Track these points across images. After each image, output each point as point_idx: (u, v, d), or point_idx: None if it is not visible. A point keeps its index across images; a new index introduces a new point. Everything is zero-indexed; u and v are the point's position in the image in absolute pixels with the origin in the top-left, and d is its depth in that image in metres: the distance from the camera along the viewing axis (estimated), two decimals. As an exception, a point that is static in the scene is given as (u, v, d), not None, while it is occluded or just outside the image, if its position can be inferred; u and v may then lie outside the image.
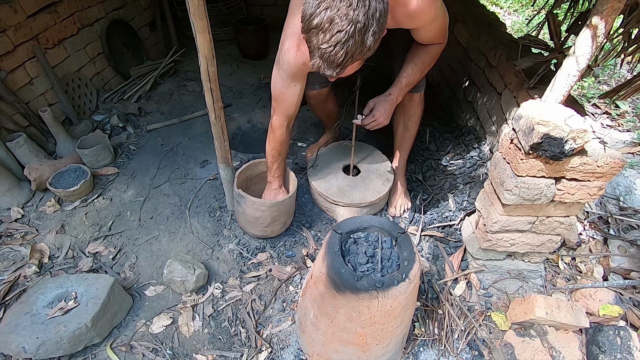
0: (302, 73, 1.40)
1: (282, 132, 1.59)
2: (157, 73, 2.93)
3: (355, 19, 0.92)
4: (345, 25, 0.93)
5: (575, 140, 1.11)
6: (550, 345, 1.45)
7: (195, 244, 1.83)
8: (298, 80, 1.43)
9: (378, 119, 1.53)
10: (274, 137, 1.61)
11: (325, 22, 0.94)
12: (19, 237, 1.84)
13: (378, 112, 1.52)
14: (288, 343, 1.49)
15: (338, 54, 0.98)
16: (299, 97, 1.49)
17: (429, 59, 1.52)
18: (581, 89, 3.28)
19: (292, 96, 1.47)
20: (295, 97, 1.47)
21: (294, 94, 1.46)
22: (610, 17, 1.08)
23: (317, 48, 0.99)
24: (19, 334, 1.33)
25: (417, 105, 1.80)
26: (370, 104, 1.55)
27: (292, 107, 1.51)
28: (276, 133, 1.60)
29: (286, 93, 1.46)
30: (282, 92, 1.46)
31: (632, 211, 2.01)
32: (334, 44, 0.96)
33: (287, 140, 1.66)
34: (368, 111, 1.54)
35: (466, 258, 1.76)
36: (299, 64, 1.33)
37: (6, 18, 2.01)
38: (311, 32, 0.99)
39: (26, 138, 2.05)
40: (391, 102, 1.54)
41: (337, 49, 0.97)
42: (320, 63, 1.03)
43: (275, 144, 1.63)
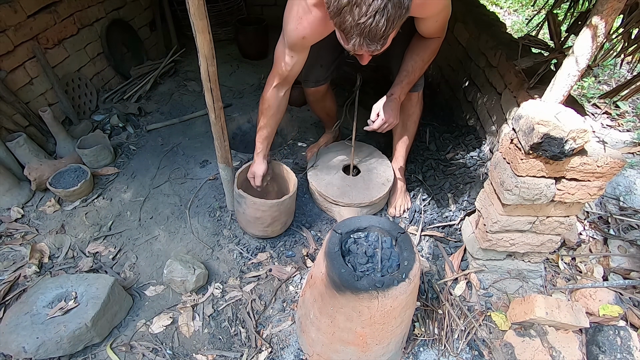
0: (300, 47, 1.39)
1: (269, 90, 1.56)
2: (157, 73, 2.93)
3: None
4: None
5: (575, 140, 1.11)
6: (550, 345, 1.45)
7: (195, 244, 1.83)
8: (295, 53, 1.42)
9: (388, 121, 1.51)
10: (262, 94, 1.61)
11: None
12: (19, 237, 1.84)
13: (387, 114, 1.51)
14: (288, 343, 1.49)
15: (379, 23, 0.92)
16: (295, 67, 1.48)
17: (428, 54, 1.51)
18: (581, 89, 3.28)
19: (287, 63, 1.46)
20: (289, 66, 1.46)
21: (289, 62, 1.45)
22: (610, 17, 1.08)
23: (354, 25, 0.94)
24: (19, 334, 1.33)
25: (416, 104, 1.80)
26: (376, 108, 1.53)
27: (286, 72, 1.49)
28: (264, 90, 1.59)
29: (283, 59, 1.45)
30: (280, 56, 1.46)
31: (632, 211, 2.01)
32: (373, 13, 0.90)
33: (273, 103, 1.60)
34: (375, 116, 1.53)
35: (466, 258, 1.76)
36: (299, 37, 1.32)
37: (6, 18, 2.01)
38: (343, 12, 0.94)
39: (26, 138, 2.05)
40: (395, 101, 1.54)
41: (378, 18, 0.91)
42: (360, 41, 0.97)
43: (260, 103, 1.62)
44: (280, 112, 1.66)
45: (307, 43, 1.37)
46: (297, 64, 1.47)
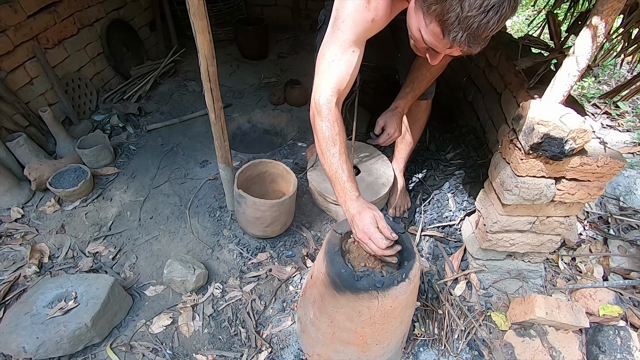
0: (366, 34, 1.12)
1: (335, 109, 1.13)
2: (157, 73, 2.93)
3: None
4: None
5: (575, 140, 1.11)
6: (550, 345, 1.45)
7: (195, 244, 1.83)
8: (358, 45, 1.13)
9: (393, 135, 1.51)
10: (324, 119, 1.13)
11: None
12: (19, 237, 1.84)
13: (391, 128, 1.50)
14: (288, 343, 1.49)
15: (491, 21, 0.81)
16: (356, 68, 1.15)
17: (437, 68, 1.49)
18: (581, 89, 3.28)
19: (346, 64, 1.13)
20: (351, 67, 1.13)
21: (349, 62, 1.13)
22: (610, 17, 1.08)
23: (462, 19, 0.82)
24: (19, 334, 1.33)
25: (424, 110, 1.80)
26: (381, 122, 1.52)
27: (347, 76, 1.14)
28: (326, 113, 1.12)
29: (339, 60, 1.12)
30: (334, 59, 1.12)
31: (632, 211, 2.01)
32: (488, 9, 0.79)
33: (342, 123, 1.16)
34: (379, 129, 1.53)
35: (466, 258, 1.76)
36: (367, 20, 1.07)
37: (6, 18, 2.01)
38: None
39: (26, 138, 2.05)
40: (399, 115, 1.54)
41: (491, 15, 0.80)
42: (462, 37, 0.85)
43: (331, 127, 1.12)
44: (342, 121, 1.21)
45: (374, 29, 1.11)
46: (358, 62, 1.16)
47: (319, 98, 1.14)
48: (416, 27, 0.97)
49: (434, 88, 1.73)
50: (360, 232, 1.05)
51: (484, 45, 0.89)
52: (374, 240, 1.02)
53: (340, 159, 1.12)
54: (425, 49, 1.02)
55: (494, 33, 0.86)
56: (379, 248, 1.03)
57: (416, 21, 0.96)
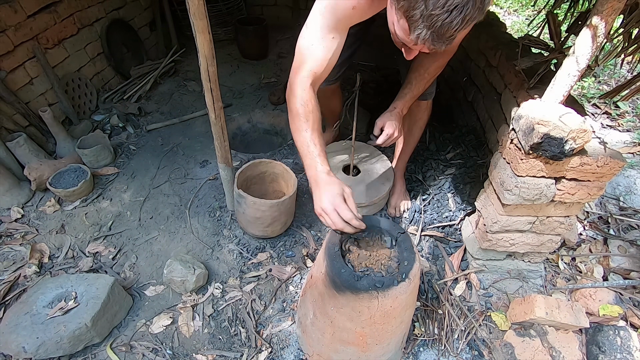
0: (346, 21, 1.13)
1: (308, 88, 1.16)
2: (157, 73, 2.93)
3: None
4: None
5: (575, 140, 1.11)
6: (550, 345, 1.45)
7: (195, 244, 1.83)
8: (338, 32, 1.14)
9: (392, 136, 1.49)
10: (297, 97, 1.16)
11: None
12: (19, 237, 1.84)
13: (390, 128, 1.49)
14: (288, 343, 1.49)
15: (454, 21, 0.82)
16: (334, 55, 1.16)
17: (435, 68, 1.48)
18: (581, 89, 3.28)
19: (325, 49, 1.14)
20: (329, 52, 1.15)
21: (328, 47, 1.14)
22: (610, 17, 1.08)
23: (426, 16, 0.83)
24: (19, 334, 1.33)
25: (424, 111, 1.79)
26: (379, 123, 1.51)
27: (325, 61, 1.16)
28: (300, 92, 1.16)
29: (318, 45, 1.14)
30: (313, 43, 1.14)
31: (632, 211, 2.01)
32: (451, 8, 0.80)
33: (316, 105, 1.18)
34: (378, 131, 1.51)
35: (466, 258, 1.76)
36: (348, 7, 1.09)
37: (6, 18, 2.01)
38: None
39: (26, 138, 2.05)
40: (398, 115, 1.52)
41: (454, 15, 0.81)
42: (426, 35, 0.86)
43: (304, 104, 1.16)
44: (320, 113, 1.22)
45: (355, 17, 1.13)
46: (337, 50, 1.17)
47: (295, 77, 1.18)
48: (391, 22, 0.98)
49: (434, 88, 1.72)
50: (326, 202, 1.04)
51: (449, 44, 0.90)
52: (340, 211, 1.02)
53: (312, 135, 1.15)
54: (401, 44, 1.03)
55: (460, 33, 0.87)
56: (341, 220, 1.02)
57: (391, 15, 0.97)
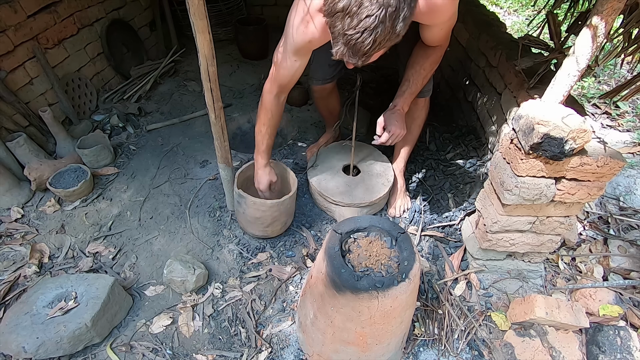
0: (305, 50, 1.34)
1: (270, 99, 1.52)
2: (157, 73, 2.93)
3: (386, 2, 0.85)
4: (375, 10, 0.85)
5: (575, 140, 1.11)
6: (550, 345, 1.45)
7: (195, 244, 1.83)
8: (299, 57, 1.36)
9: (395, 133, 1.50)
10: (261, 103, 1.56)
11: (353, 5, 0.86)
12: (19, 237, 1.84)
13: (393, 126, 1.49)
14: (288, 343, 1.49)
15: (365, 41, 0.89)
16: (296, 73, 1.42)
17: (429, 63, 1.49)
18: (581, 89, 3.28)
19: (289, 69, 1.40)
20: (292, 71, 1.41)
21: (291, 67, 1.39)
22: (610, 17, 1.08)
23: (342, 34, 0.91)
24: (19, 334, 1.33)
25: (422, 108, 1.80)
26: (380, 122, 1.51)
27: (287, 79, 1.44)
28: (264, 98, 1.54)
29: (284, 65, 1.39)
30: (281, 61, 1.40)
31: (632, 211, 2.01)
32: (362, 30, 0.88)
33: (275, 112, 1.57)
34: (381, 130, 1.51)
35: (466, 258, 1.76)
36: (305, 41, 1.26)
37: (6, 18, 2.01)
38: (336, 15, 0.90)
39: (26, 138, 2.05)
40: (399, 112, 1.53)
41: (365, 36, 0.89)
42: (344, 50, 0.95)
43: (260, 112, 1.57)
44: (279, 119, 1.64)
45: (313, 46, 1.32)
46: (299, 70, 1.42)
47: (265, 89, 1.52)
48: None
49: (431, 85, 1.72)
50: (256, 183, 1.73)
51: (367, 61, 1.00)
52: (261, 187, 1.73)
53: (264, 137, 1.62)
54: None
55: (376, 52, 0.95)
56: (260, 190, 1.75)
57: None
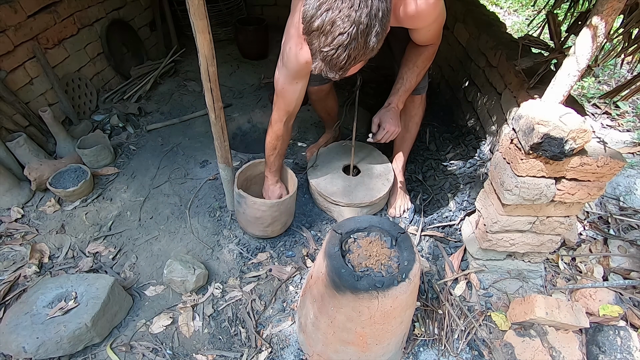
0: (305, 72, 1.39)
1: (280, 127, 1.58)
2: (157, 73, 2.93)
3: (357, 20, 0.90)
4: (347, 27, 0.90)
5: (575, 140, 1.11)
6: (550, 345, 1.45)
7: (195, 244, 1.83)
8: (300, 79, 1.42)
9: (390, 130, 1.52)
10: (271, 131, 1.61)
11: (327, 24, 0.91)
12: (19, 237, 1.84)
13: (388, 124, 1.52)
14: (288, 343, 1.49)
15: (340, 57, 0.95)
16: (300, 95, 1.49)
17: (422, 61, 1.51)
18: (581, 89, 3.28)
19: (293, 93, 1.46)
20: (296, 94, 1.47)
21: (295, 91, 1.45)
22: (610, 17, 1.08)
23: (318, 51, 0.97)
24: (19, 334, 1.33)
25: (419, 106, 1.80)
26: (376, 119, 1.54)
27: (293, 103, 1.50)
28: (274, 127, 1.60)
29: (287, 90, 1.45)
30: (284, 88, 1.45)
31: (632, 211, 2.01)
32: (336, 47, 0.94)
33: (286, 136, 1.65)
34: (376, 128, 1.54)
35: (466, 258, 1.76)
36: (302, 63, 1.31)
37: (6, 18, 2.01)
38: (312, 34, 0.96)
39: (26, 138, 2.05)
40: (393, 110, 1.55)
41: (340, 52, 0.94)
42: (322, 66, 1.01)
43: (271, 138, 1.63)
44: (289, 137, 1.72)
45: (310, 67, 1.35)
46: (302, 90, 1.47)
47: (274, 119, 1.58)
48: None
49: (426, 82, 1.74)
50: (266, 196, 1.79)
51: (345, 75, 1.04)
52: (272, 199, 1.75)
53: (275, 159, 1.71)
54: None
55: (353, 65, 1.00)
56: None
57: None
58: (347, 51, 0.94)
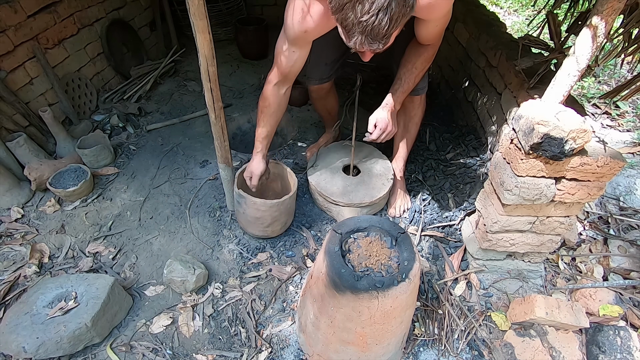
0: (303, 41, 1.36)
1: (270, 88, 1.54)
2: (157, 73, 2.93)
3: None
4: None
5: (575, 140, 1.11)
6: (550, 345, 1.45)
7: (195, 244, 1.83)
8: (297, 47, 1.38)
9: (386, 130, 1.52)
10: (262, 94, 1.58)
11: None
12: (19, 237, 1.84)
13: (383, 123, 1.51)
14: (288, 343, 1.49)
15: (382, 22, 0.90)
16: (296, 64, 1.44)
17: (422, 62, 1.50)
18: (581, 89, 3.28)
19: (288, 59, 1.42)
20: (290, 61, 1.43)
21: (290, 57, 1.42)
22: (610, 17, 1.08)
23: (356, 23, 0.92)
24: (19, 334, 1.33)
25: (418, 106, 1.80)
26: (372, 119, 1.53)
27: (286, 68, 1.46)
28: (264, 87, 1.56)
29: (284, 54, 1.42)
30: (281, 51, 1.42)
31: (632, 211, 2.01)
32: (376, 12, 0.89)
33: (273, 101, 1.57)
34: (372, 127, 1.53)
35: (466, 258, 1.76)
36: (301, 31, 1.28)
37: (6, 18, 2.01)
38: (345, 8, 0.92)
39: (26, 138, 2.05)
40: (389, 109, 1.54)
41: (381, 17, 0.90)
42: (362, 39, 0.96)
43: (260, 100, 1.60)
44: (280, 110, 1.63)
45: (310, 37, 1.34)
46: (298, 60, 1.43)
47: (267, 79, 1.54)
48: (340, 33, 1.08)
49: (426, 83, 1.73)
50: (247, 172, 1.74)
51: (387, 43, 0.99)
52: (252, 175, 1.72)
53: (260, 125, 1.65)
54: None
55: (394, 31, 0.96)
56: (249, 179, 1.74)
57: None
58: (388, 14, 0.90)
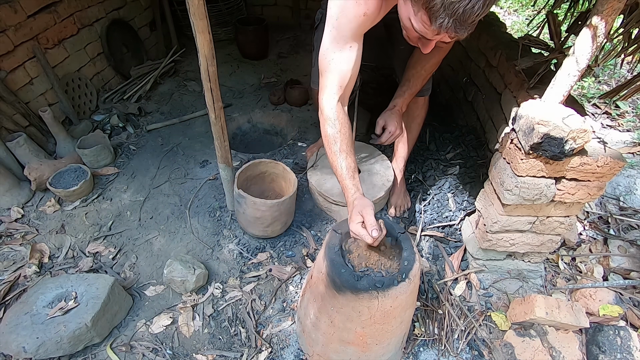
0: (361, 30, 1.16)
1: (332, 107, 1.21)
2: (157, 73, 2.93)
3: None
4: None
5: (575, 140, 1.11)
6: (550, 345, 1.45)
7: (195, 244, 1.83)
8: (355, 40, 1.16)
9: (394, 133, 1.53)
10: (326, 118, 1.22)
11: None
12: (19, 237, 1.84)
13: (392, 126, 1.52)
14: (288, 343, 1.49)
15: (476, 5, 0.83)
16: (356, 64, 1.20)
17: (431, 65, 1.51)
18: (581, 89, 3.28)
19: (346, 61, 1.18)
20: (350, 63, 1.19)
21: (349, 58, 1.18)
22: (610, 17, 1.08)
23: (447, 5, 0.85)
24: (19, 334, 1.33)
25: (421, 107, 1.81)
26: (380, 121, 1.54)
27: (348, 74, 1.19)
28: (325, 111, 1.21)
29: (338, 58, 1.18)
30: (333, 58, 1.18)
31: (632, 211, 2.01)
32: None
33: (344, 121, 1.23)
34: (380, 129, 1.54)
35: (466, 258, 1.76)
36: (360, 14, 1.10)
37: (6, 18, 2.01)
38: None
39: (26, 138, 2.05)
40: (398, 113, 1.55)
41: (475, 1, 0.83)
42: (449, 23, 0.88)
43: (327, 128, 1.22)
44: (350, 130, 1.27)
45: (367, 22, 1.14)
46: (357, 58, 1.20)
47: (323, 97, 1.22)
48: (406, 17, 1.00)
49: (430, 85, 1.74)
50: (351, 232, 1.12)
51: (471, 30, 0.92)
52: (362, 237, 1.08)
53: (340, 157, 1.20)
54: (417, 38, 1.06)
55: (481, 17, 0.89)
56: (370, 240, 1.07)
57: (405, 10, 1.00)
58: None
